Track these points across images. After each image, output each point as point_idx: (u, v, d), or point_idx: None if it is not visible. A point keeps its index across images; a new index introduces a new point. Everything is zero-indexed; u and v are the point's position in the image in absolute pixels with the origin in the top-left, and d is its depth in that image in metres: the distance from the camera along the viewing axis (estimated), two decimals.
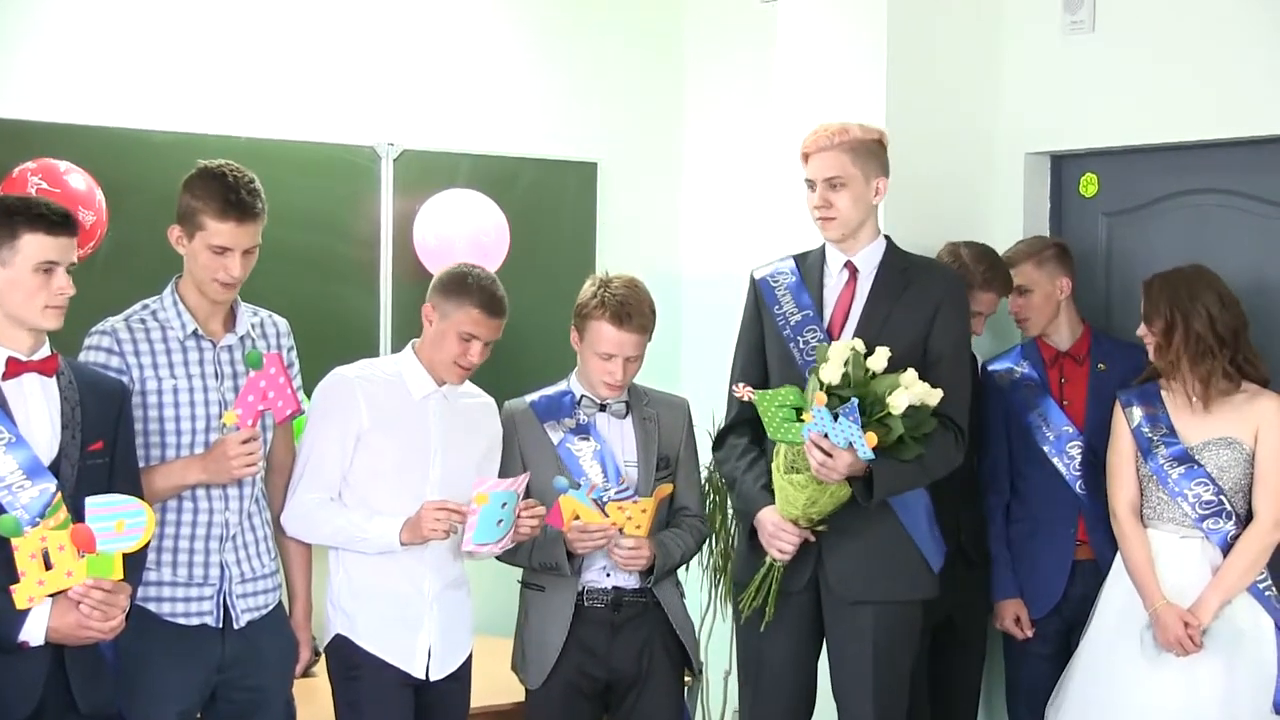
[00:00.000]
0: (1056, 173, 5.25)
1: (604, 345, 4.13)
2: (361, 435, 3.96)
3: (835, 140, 4.10)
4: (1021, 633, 4.73)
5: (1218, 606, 4.21)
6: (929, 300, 4.11)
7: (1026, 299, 4.80)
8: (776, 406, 3.94)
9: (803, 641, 4.18)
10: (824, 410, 3.83)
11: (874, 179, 4.13)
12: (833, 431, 3.83)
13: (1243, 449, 4.27)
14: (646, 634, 4.21)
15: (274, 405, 3.72)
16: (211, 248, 3.71)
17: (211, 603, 3.76)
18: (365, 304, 5.52)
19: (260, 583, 3.87)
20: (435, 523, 3.84)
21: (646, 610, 4.22)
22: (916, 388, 3.87)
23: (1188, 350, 4.27)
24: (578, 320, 4.21)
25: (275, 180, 4.94)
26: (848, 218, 4.11)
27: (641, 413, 4.27)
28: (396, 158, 5.56)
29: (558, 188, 5.95)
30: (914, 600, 4.15)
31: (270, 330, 3.96)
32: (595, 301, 4.14)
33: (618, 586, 4.19)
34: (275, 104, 5.37)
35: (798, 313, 4.17)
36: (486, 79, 5.84)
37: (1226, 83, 4.69)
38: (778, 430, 3.95)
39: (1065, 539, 4.68)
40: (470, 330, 3.95)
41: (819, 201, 4.11)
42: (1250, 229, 4.76)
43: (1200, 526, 4.27)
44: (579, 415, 4.21)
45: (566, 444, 4.19)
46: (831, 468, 3.87)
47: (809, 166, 4.14)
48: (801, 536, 4.03)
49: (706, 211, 6.24)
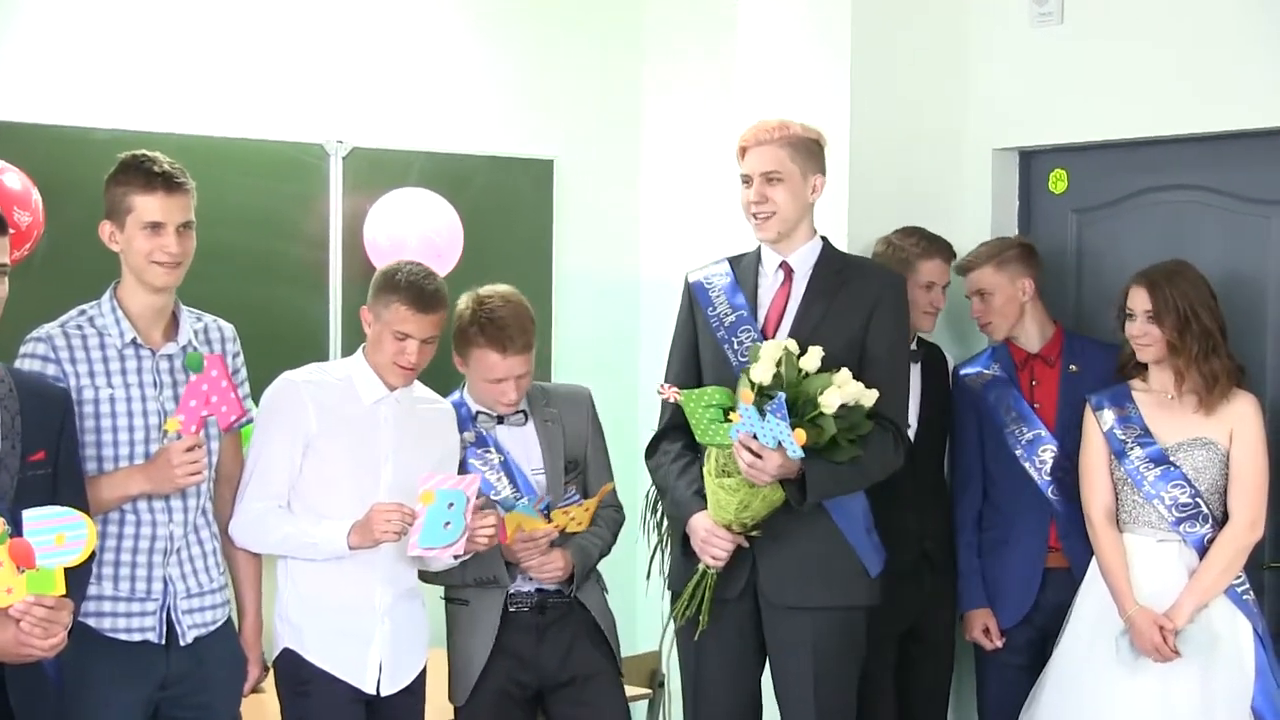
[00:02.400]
0: (1025, 169, 5.25)
1: (491, 373, 4.16)
2: (310, 442, 3.95)
3: (775, 135, 4.12)
4: (990, 643, 4.73)
5: (1193, 610, 4.22)
6: (865, 300, 4.12)
7: (987, 303, 4.80)
8: (704, 407, 3.94)
9: (743, 650, 4.18)
10: (751, 408, 3.81)
11: (811, 177, 4.15)
12: (761, 431, 3.81)
13: (1218, 449, 4.28)
14: (572, 633, 4.25)
15: (217, 410, 3.69)
16: (144, 226, 3.68)
17: (154, 618, 3.72)
18: (314, 308, 5.52)
19: (207, 598, 3.83)
20: (386, 523, 3.81)
21: (571, 610, 4.26)
22: (850, 387, 3.87)
23: (1199, 349, 4.27)
24: (458, 344, 4.22)
25: (220, 180, 5.06)
26: (785, 214, 4.12)
27: (543, 415, 4.30)
28: (346, 156, 5.55)
29: (513, 186, 5.94)
30: (854, 607, 4.15)
31: (215, 336, 3.92)
32: (473, 328, 4.15)
33: (540, 589, 4.22)
34: (220, 100, 5.35)
35: (732, 314, 4.17)
36: (439, 74, 5.83)
37: (1199, 76, 4.69)
38: (705, 432, 3.95)
39: (1037, 546, 4.68)
40: (401, 329, 3.93)
41: (755, 196, 4.12)
42: (1222, 225, 4.77)
43: (1177, 530, 4.28)
44: (477, 429, 4.24)
45: (469, 459, 4.20)
46: (761, 469, 3.86)
47: (746, 161, 4.15)
48: (735, 542, 4.03)
49: (666, 210, 6.24)
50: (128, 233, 3.71)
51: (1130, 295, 4.38)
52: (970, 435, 4.82)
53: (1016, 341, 4.82)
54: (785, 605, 4.09)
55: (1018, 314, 4.80)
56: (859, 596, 4.15)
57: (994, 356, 4.86)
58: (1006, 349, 4.84)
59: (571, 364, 5.89)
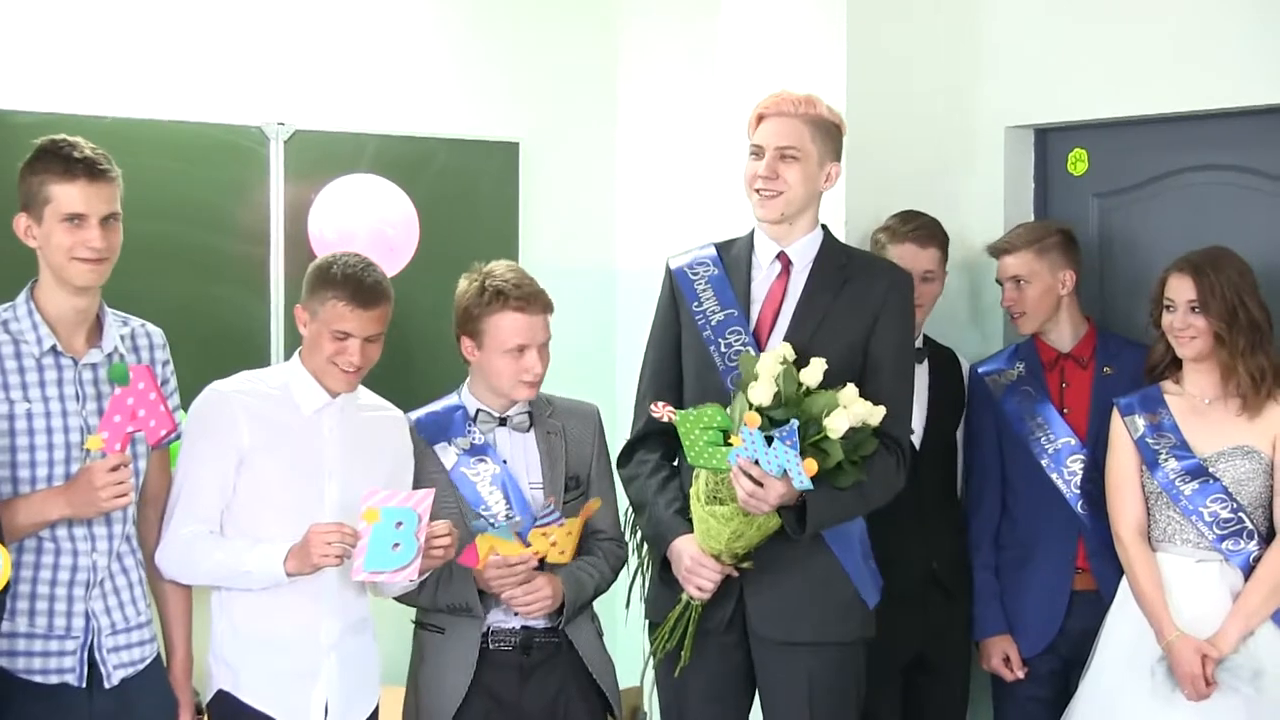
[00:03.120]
0: (1041, 148, 5.22)
1: (515, 337, 4.08)
2: (244, 458, 3.87)
3: (799, 109, 4.05)
4: (1011, 674, 4.65)
5: (1240, 636, 4.15)
6: (871, 300, 4.04)
7: (1022, 291, 4.72)
8: (700, 428, 3.84)
9: (730, 688, 4.11)
10: (756, 433, 3.72)
11: (828, 163, 4.09)
12: (764, 458, 3.73)
13: (1261, 458, 4.21)
14: (561, 679, 4.17)
15: (145, 425, 3.60)
16: (64, 219, 3.60)
17: (75, 658, 3.65)
18: (254, 308, 5.48)
19: (134, 634, 3.76)
20: (325, 546, 3.72)
21: (560, 652, 4.18)
22: (857, 407, 3.78)
23: (1247, 342, 4.22)
24: (468, 324, 4.15)
25: (148, 167, 5.05)
26: (793, 195, 4.04)
27: (546, 425, 4.24)
28: (288, 139, 5.52)
29: (475, 172, 5.93)
30: (851, 641, 4.08)
31: (143, 342, 3.85)
32: (486, 295, 4.10)
33: (527, 626, 4.14)
34: (147, 79, 5.32)
35: (720, 311, 4.09)
36: (391, 47, 5.81)
37: (1232, 46, 4.65)
38: (700, 455, 3.86)
39: (1063, 566, 4.62)
40: (340, 327, 3.87)
41: (766, 171, 4.04)
42: (1259, 208, 4.72)
43: (1219, 547, 4.20)
44: (474, 434, 4.15)
45: (461, 468, 4.14)
46: (761, 498, 3.78)
47: (761, 130, 4.08)
48: (723, 573, 3.96)
49: (645, 195, 6.21)
50: (46, 226, 3.63)
51: (1170, 284, 4.31)
52: (988, 442, 4.76)
53: (1046, 338, 4.76)
54: (776, 640, 4.01)
55: (1053, 307, 4.73)
56: (856, 630, 4.08)
57: (1018, 355, 4.81)
58: (1033, 346, 4.78)
59: None
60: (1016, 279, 4.73)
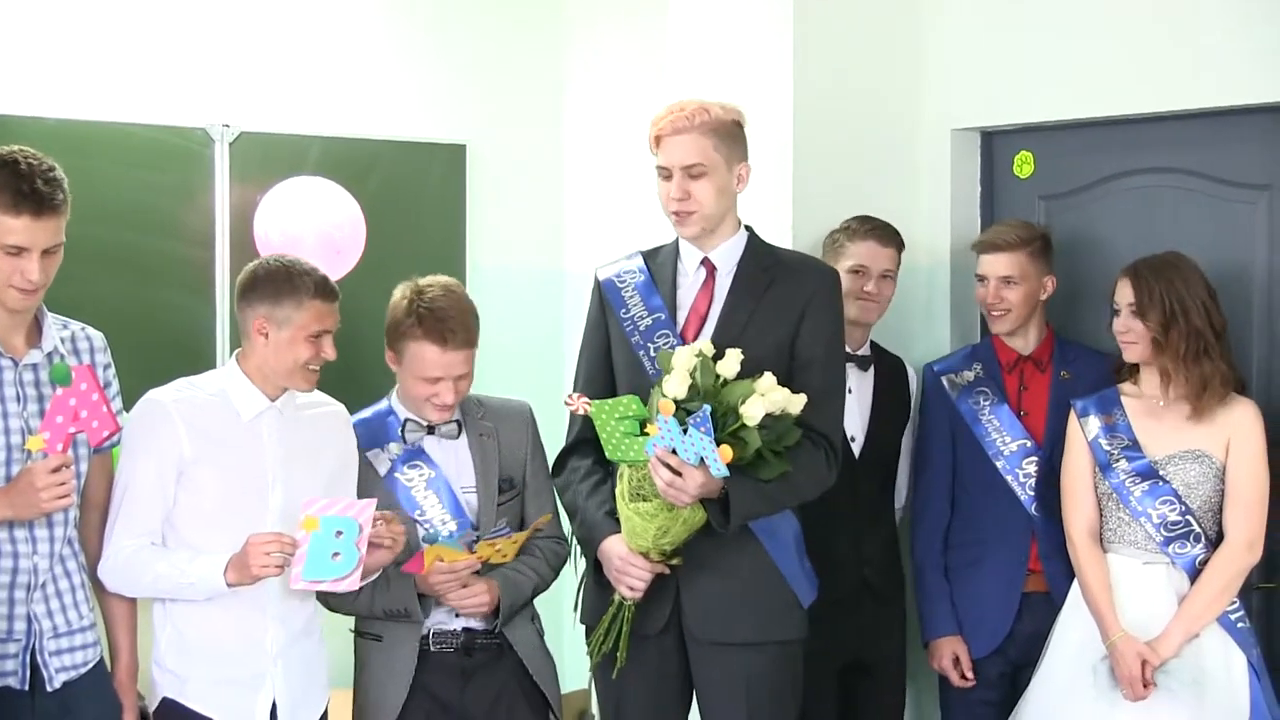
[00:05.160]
0: (987, 151, 5.24)
1: (428, 370, 4.08)
2: (184, 469, 3.84)
3: (695, 121, 4.01)
4: (960, 677, 4.67)
5: (1183, 640, 4.17)
6: (796, 299, 4.05)
7: (1014, 290, 4.69)
8: (616, 419, 3.86)
9: (667, 690, 4.12)
10: (671, 421, 3.74)
11: (737, 166, 4.07)
12: (681, 446, 3.75)
13: (1213, 463, 4.24)
14: (502, 680, 4.18)
15: (87, 426, 3.59)
16: (4, 248, 3.57)
17: (16, 661, 3.63)
18: (199, 312, 5.46)
19: (77, 637, 3.74)
20: (264, 557, 3.70)
21: (503, 654, 4.19)
22: (774, 395, 3.78)
23: (1187, 349, 4.23)
24: (392, 339, 4.14)
25: (91, 169, 5.03)
26: (709, 211, 4.04)
27: (477, 428, 4.23)
28: (233, 141, 5.51)
29: (421, 174, 5.92)
30: (790, 640, 4.09)
31: (83, 345, 3.83)
32: (410, 319, 4.09)
33: (468, 628, 4.15)
34: (92, 81, 5.29)
35: (648, 316, 4.11)
36: (337, 48, 5.79)
37: (1178, 48, 4.67)
38: (617, 448, 3.88)
39: (1015, 567, 4.63)
40: (320, 326, 3.87)
41: (677, 194, 4.02)
42: (1207, 212, 4.76)
43: (1165, 550, 4.24)
44: (406, 440, 4.17)
45: (395, 474, 4.15)
46: (681, 488, 3.79)
47: (664, 151, 4.05)
48: (653, 571, 3.97)
49: (593, 198, 6.20)
50: None
51: (1117, 287, 4.35)
52: (940, 441, 4.77)
53: (1008, 341, 4.76)
54: (712, 641, 4.03)
55: (1033, 310, 4.72)
56: (792, 629, 4.10)
57: (975, 355, 4.82)
58: (991, 348, 4.80)
59: (488, 369, 5.78)
60: (1007, 278, 4.69)
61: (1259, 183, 4.66)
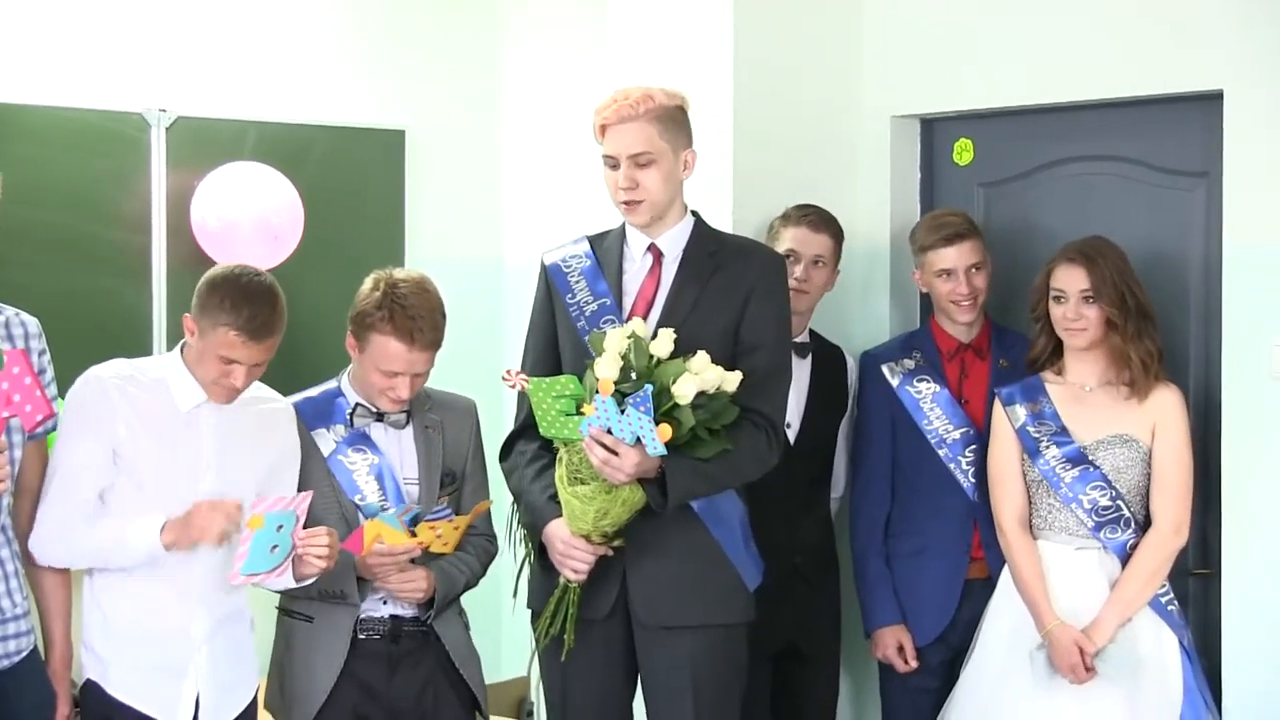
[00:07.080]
0: (927, 138, 5.25)
1: (390, 364, 4.08)
2: (118, 449, 3.84)
3: (640, 109, 4.02)
4: (905, 663, 4.68)
5: (1117, 625, 4.22)
6: (742, 284, 4.07)
7: (981, 276, 4.69)
8: (553, 397, 3.87)
9: (613, 673, 4.14)
10: (609, 401, 3.76)
11: (683, 152, 4.09)
12: (618, 426, 3.77)
13: (1140, 447, 4.29)
14: (428, 670, 4.19)
15: (20, 410, 3.54)
16: None
17: None
18: (136, 298, 5.44)
19: (10, 625, 3.70)
20: (209, 520, 3.74)
21: (428, 643, 4.19)
22: (707, 374, 3.81)
23: (1135, 328, 4.28)
24: (357, 327, 4.13)
25: (25, 154, 5.04)
26: (657, 199, 4.06)
27: (423, 420, 4.24)
28: (169, 126, 5.48)
29: (360, 160, 5.90)
30: (735, 624, 4.12)
31: (17, 331, 3.78)
32: (380, 312, 4.07)
33: (395, 615, 4.16)
34: (26, 64, 5.25)
35: (593, 302, 4.13)
36: (274, 32, 5.76)
37: (1113, 38, 4.69)
38: (552, 425, 3.90)
39: (958, 555, 4.64)
40: (228, 354, 3.82)
41: (625, 182, 4.04)
42: (1144, 199, 4.79)
43: (1097, 535, 4.28)
44: (353, 425, 4.18)
45: (339, 456, 4.15)
46: (617, 467, 3.81)
47: (609, 140, 4.06)
48: (596, 553, 3.99)
49: (532, 186, 6.20)
50: None
51: (1059, 275, 4.35)
52: (881, 428, 4.77)
53: (949, 329, 4.76)
54: (658, 625, 4.05)
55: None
56: (738, 613, 4.12)
57: (912, 343, 4.83)
58: (930, 335, 4.80)
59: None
60: (978, 264, 4.68)
61: (1196, 170, 4.68)
